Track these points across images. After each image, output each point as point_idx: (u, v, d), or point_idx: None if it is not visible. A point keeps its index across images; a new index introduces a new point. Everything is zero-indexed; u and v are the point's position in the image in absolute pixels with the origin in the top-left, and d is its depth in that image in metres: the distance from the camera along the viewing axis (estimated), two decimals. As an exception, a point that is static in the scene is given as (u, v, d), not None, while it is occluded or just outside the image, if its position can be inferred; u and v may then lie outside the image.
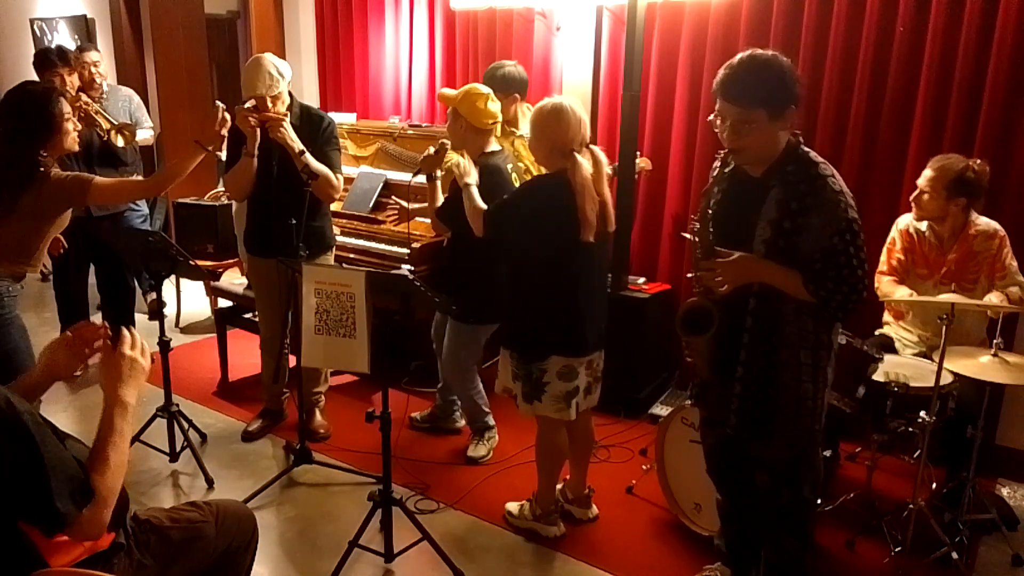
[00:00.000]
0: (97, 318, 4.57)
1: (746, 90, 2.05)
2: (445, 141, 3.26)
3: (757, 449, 2.30)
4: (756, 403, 2.22)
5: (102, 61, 4.65)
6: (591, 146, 2.74)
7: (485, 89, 3.16)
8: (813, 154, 2.13)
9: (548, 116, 2.65)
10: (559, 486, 3.08)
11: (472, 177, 2.90)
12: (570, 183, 2.61)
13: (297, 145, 3.24)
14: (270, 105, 3.23)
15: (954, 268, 3.03)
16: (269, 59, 3.25)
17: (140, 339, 1.81)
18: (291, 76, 3.32)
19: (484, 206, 2.81)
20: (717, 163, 2.22)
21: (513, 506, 3.06)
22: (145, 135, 4.90)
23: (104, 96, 4.63)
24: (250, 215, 3.54)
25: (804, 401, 2.19)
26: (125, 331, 1.78)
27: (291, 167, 3.25)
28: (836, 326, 2.24)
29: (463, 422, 3.72)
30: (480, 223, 2.81)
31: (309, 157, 3.25)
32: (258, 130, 3.24)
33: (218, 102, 3.17)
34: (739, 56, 2.10)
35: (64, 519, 1.58)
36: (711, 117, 2.16)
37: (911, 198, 3.08)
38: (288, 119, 3.25)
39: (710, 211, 2.22)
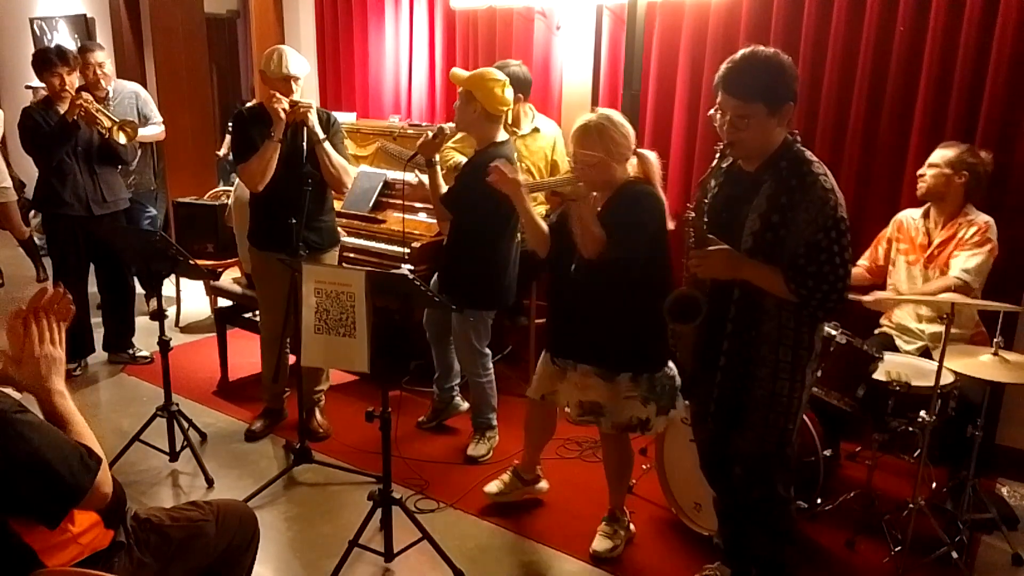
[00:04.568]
0: (98, 318, 4.57)
1: (746, 84, 2.09)
2: (443, 126, 3.26)
3: (733, 441, 2.32)
4: (734, 393, 2.25)
5: (108, 61, 4.64)
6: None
7: (501, 76, 3.18)
8: (808, 153, 2.16)
9: (619, 127, 2.58)
10: (513, 469, 3.18)
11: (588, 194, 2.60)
12: (654, 185, 2.63)
13: (321, 133, 3.33)
14: (295, 88, 3.31)
15: (936, 252, 3.08)
16: (290, 49, 3.36)
17: (46, 327, 1.74)
18: (308, 70, 3.43)
19: (599, 231, 2.53)
20: (717, 156, 2.23)
21: (603, 545, 2.84)
22: (154, 131, 4.91)
23: (110, 96, 4.62)
24: (261, 209, 3.51)
25: (779, 398, 2.21)
26: (33, 328, 1.72)
27: (313, 163, 3.33)
28: (820, 328, 2.24)
29: (466, 405, 3.72)
30: (597, 247, 2.53)
31: (328, 146, 3.34)
32: (283, 115, 3.27)
33: None
34: (741, 52, 2.14)
35: (79, 490, 1.60)
36: (712, 111, 2.19)
37: (917, 173, 3.12)
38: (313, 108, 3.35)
39: (706, 201, 2.24)
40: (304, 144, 3.33)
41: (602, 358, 2.68)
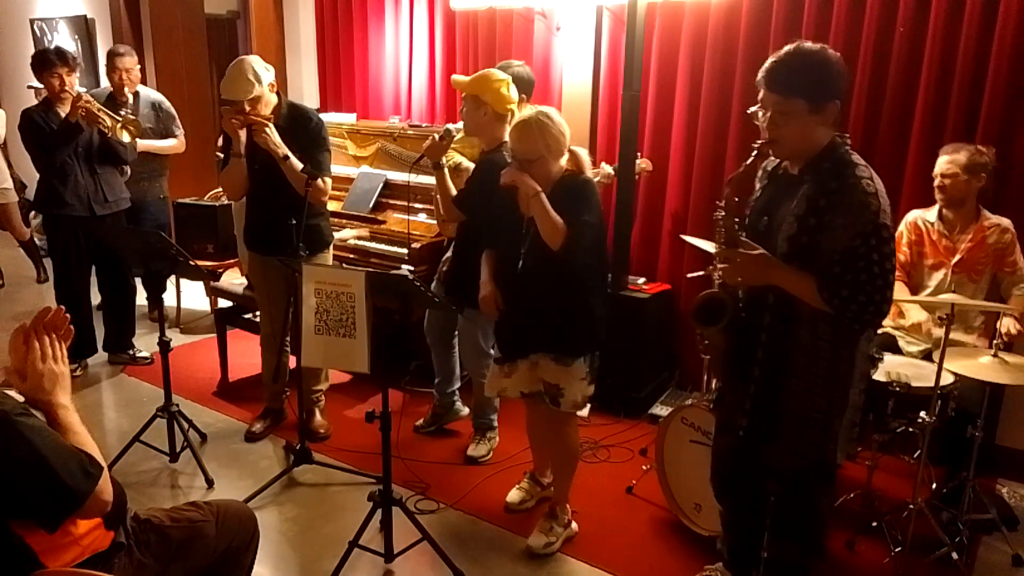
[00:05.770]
0: (98, 318, 4.57)
1: (788, 79, 2.00)
2: (450, 127, 3.25)
3: (766, 454, 2.23)
4: (767, 405, 2.16)
5: (135, 68, 4.63)
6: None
7: (502, 75, 3.17)
8: (856, 156, 2.04)
9: (556, 124, 2.63)
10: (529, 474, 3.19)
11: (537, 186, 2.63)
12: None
13: (281, 150, 3.20)
14: (247, 108, 3.19)
15: (966, 257, 3.06)
16: (249, 63, 3.19)
17: (48, 343, 1.76)
18: (271, 78, 3.26)
19: (561, 220, 2.57)
20: (753, 154, 2.13)
21: (538, 540, 2.88)
22: (170, 143, 4.87)
23: (130, 102, 4.61)
24: (248, 213, 3.55)
25: (814, 414, 2.10)
26: (35, 344, 1.74)
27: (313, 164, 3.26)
28: (861, 344, 2.10)
29: (466, 410, 3.72)
30: (560, 239, 2.57)
31: (294, 161, 3.21)
32: (243, 132, 3.23)
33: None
34: (787, 47, 2.05)
35: (80, 495, 1.60)
36: (752, 109, 2.10)
37: (935, 184, 3.08)
38: (272, 123, 3.21)
39: (738, 200, 2.15)
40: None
41: (560, 344, 2.72)
